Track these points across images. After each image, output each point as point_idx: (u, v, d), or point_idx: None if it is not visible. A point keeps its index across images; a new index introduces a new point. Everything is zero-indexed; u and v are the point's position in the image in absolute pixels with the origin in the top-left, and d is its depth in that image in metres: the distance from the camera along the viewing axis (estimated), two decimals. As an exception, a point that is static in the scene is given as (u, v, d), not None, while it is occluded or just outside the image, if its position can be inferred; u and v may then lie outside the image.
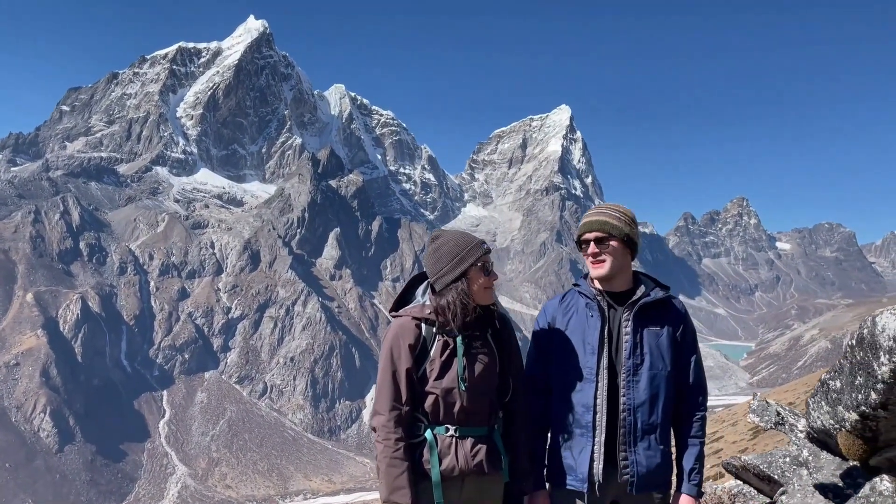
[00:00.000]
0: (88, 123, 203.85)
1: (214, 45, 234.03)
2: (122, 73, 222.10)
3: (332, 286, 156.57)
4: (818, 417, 3.31)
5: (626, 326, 2.87)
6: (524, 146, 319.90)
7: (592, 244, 2.91)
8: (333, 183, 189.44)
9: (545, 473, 2.99)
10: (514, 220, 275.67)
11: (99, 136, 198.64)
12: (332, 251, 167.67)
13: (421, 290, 2.92)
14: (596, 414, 2.84)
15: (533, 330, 3.11)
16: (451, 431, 2.73)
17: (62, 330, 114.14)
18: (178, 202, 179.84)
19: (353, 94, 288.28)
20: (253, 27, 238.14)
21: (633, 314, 2.87)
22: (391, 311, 2.92)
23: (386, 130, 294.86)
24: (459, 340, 2.73)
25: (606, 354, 2.86)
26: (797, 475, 4.16)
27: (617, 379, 2.86)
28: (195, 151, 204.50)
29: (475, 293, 2.76)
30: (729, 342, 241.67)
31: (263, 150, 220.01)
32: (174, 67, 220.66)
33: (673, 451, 2.99)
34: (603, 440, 2.83)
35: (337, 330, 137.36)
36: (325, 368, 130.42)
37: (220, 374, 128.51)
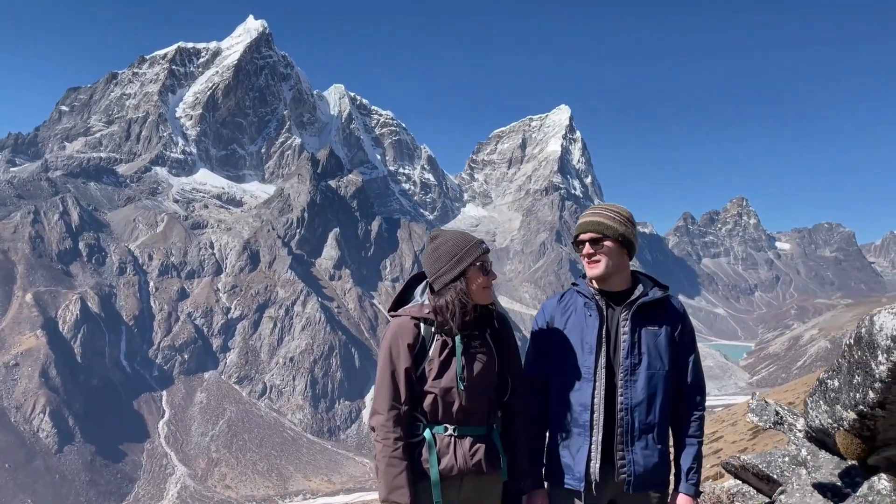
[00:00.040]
0: (88, 124, 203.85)
1: (214, 45, 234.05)
2: (121, 73, 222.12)
3: (331, 286, 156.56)
4: (816, 417, 3.31)
5: (624, 326, 2.87)
6: (524, 146, 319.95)
7: (587, 245, 2.91)
8: (333, 183, 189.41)
9: (543, 472, 2.99)
10: (513, 220, 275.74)
11: (98, 136, 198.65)
12: (331, 251, 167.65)
13: (420, 289, 2.91)
14: (593, 413, 2.84)
15: (531, 330, 3.11)
16: (449, 431, 2.73)
17: (61, 330, 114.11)
18: (177, 202, 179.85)
19: (352, 94, 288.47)
20: (252, 27, 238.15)
21: (631, 314, 2.87)
22: (390, 310, 2.92)
23: (385, 130, 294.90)
24: (458, 340, 2.72)
25: (604, 354, 2.86)
26: (796, 474, 4.16)
27: (615, 378, 2.86)
28: (194, 151, 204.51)
29: (474, 293, 2.76)
30: (728, 342, 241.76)
31: (263, 150, 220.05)
32: (173, 67, 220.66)
33: (671, 450, 3.00)
34: (600, 439, 2.83)
35: (336, 330, 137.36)
36: (324, 368, 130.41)
37: (219, 374, 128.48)
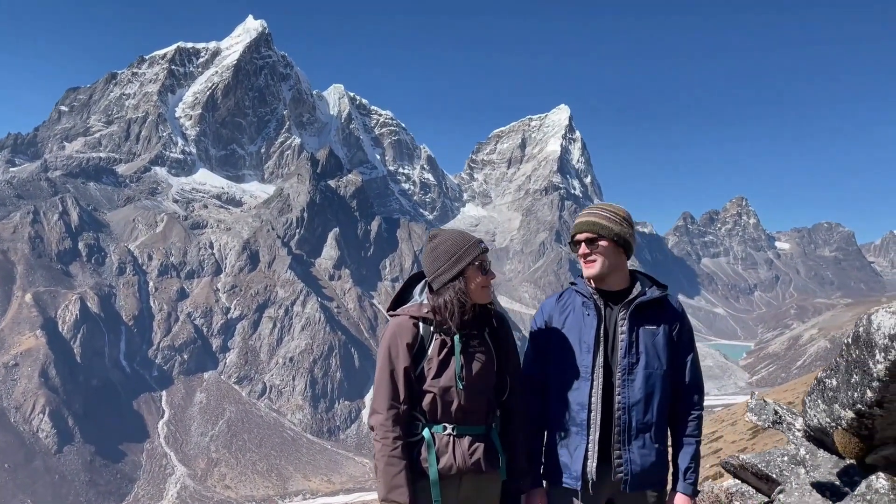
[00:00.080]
0: (87, 124, 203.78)
1: (213, 45, 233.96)
2: (120, 73, 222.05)
3: (331, 286, 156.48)
4: (815, 416, 3.32)
5: (621, 325, 2.87)
6: (523, 146, 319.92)
7: (583, 245, 2.92)
8: (332, 183, 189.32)
9: (542, 471, 3.00)
10: (513, 219, 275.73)
11: (98, 136, 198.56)
12: (331, 251, 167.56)
13: (418, 288, 2.91)
14: (591, 412, 2.85)
15: (530, 329, 3.12)
16: (448, 430, 2.73)
17: (61, 330, 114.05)
18: (176, 202, 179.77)
19: (351, 93, 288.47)
20: (252, 27, 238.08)
21: (629, 313, 2.87)
22: (389, 309, 2.92)
23: (385, 130, 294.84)
24: (457, 339, 2.72)
25: (602, 353, 2.86)
26: (795, 474, 4.16)
27: (612, 378, 2.86)
28: (194, 152, 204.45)
29: (472, 292, 2.76)
30: (728, 342, 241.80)
31: (262, 150, 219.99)
32: (173, 67, 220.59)
33: (670, 450, 3.00)
34: (597, 438, 2.83)
35: (336, 330, 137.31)
36: (324, 368, 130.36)
37: (219, 374, 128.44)
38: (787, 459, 4.37)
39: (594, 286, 2.97)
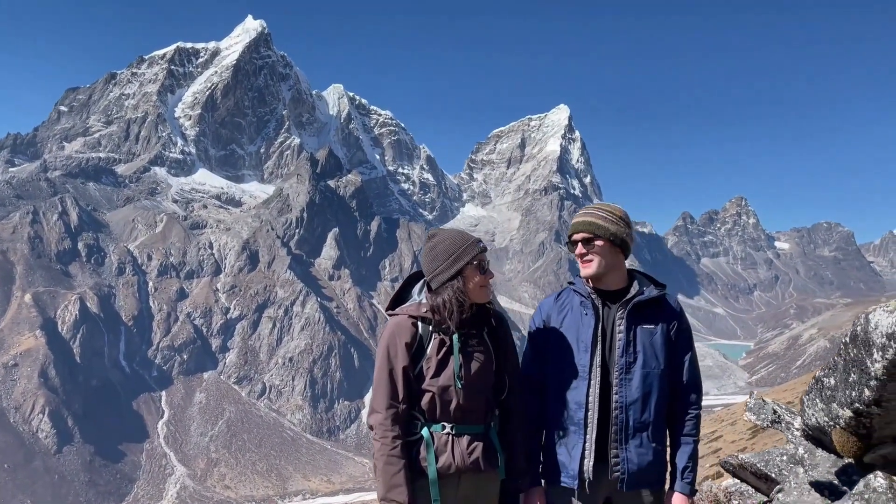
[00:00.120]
0: (86, 124, 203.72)
1: (213, 45, 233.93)
2: (120, 73, 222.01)
3: (330, 286, 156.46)
4: (813, 415, 3.32)
5: (619, 324, 2.88)
6: (523, 146, 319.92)
7: (580, 245, 2.93)
8: (332, 183, 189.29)
9: (540, 470, 3.00)
10: (512, 219, 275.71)
11: (97, 136, 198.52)
12: (330, 251, 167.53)
13: (417, 288, 2.92)
14: (588, 411, 2.85)
15: (529, 329, 3.12)
16: (447, 429, 2.73)
17: (60, 330, 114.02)
18: (176, 202, 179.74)
19: (351, 93, 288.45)
20: (251, 27, 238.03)
21: (626, 312, 2.88)
22: (387, 309, 2.93)
23: (384, 130, 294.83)
24: (455, 338, 2.72)
25: (600, 352, 2.87)
26: (793, 473, 4.16)
27: (610, 377, 2.87)
28: (193, 152, 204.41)
29: (471, 291, 2.76)
30: (728, 341, 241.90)
31: (262, 150, 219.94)
32: (172, 68, 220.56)
33: (668, 449, 3.00)
34: (594, 437, 2.84)
35: (336, 330, 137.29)
36: (323, 368, 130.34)
37: (218, 374, 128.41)
38: (785, 459, 4.37)
39: (592, 286, 2.97)
